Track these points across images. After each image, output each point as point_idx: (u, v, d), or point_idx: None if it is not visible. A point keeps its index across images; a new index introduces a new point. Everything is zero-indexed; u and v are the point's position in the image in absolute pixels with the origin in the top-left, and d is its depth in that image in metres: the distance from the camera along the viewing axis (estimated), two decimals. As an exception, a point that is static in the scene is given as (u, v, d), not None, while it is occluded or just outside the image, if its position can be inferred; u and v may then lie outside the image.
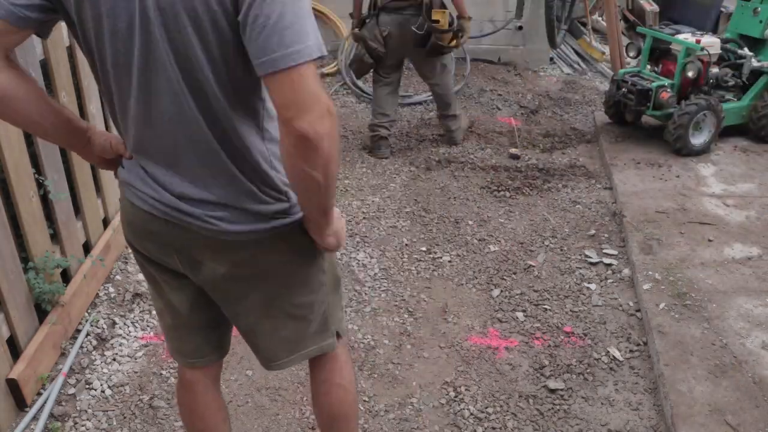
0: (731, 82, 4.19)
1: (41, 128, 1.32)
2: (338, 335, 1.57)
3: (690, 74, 3.96)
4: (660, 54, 4.28)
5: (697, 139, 3.96)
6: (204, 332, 1.52)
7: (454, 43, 3.85)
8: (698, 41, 3.96)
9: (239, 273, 1.34)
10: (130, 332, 2.53)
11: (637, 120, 4.35)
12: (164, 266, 1.39)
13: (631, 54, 4.40)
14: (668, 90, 3.94)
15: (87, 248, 2.71)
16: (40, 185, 2.30)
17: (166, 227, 1.29)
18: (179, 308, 1.46)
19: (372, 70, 4.07)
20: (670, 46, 4.17)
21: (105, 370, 2.34)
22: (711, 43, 4.02)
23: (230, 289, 1.37)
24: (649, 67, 4.29)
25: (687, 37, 4.05)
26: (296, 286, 1.41)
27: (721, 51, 4.12)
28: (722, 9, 5.94)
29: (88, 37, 1.17)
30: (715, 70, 4.10)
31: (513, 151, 4.12)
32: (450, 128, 4.25)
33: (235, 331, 2.63)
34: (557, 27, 5.22)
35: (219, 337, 1.57)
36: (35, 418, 2.10)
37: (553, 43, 5.29)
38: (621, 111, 4.31)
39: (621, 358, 2.42)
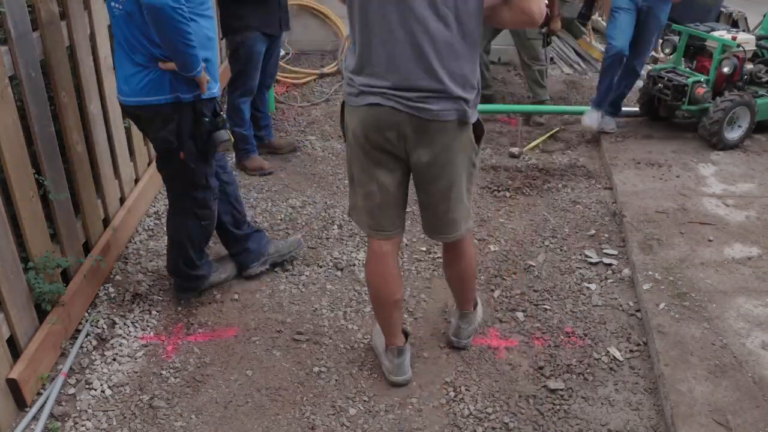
0: (765, 78, 4.27)
1: None
2: None
3: (725, 70, 4.02)
4: (694, 51, 4.34)
5: (732, 134, 4.03)
6: (400, 209, 2.09)
7: None
8: (734, 38, 4.03)
9: (437, 161, 1.91)
10: (130, 332, 2.53)
11: (671, 115, 4.42)
12: (387, 151, 1.93)
13: (666, 51, 4.46)
14: (704, 85, 4.01)
15: (87, 248, 2.71)
16: (40, 185, 2.30)
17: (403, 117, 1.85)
18: (389, 187, 2.00)
19: None
20: (705, 43, 4.24)
21: (105, 370, 2.34)
22: (746, 39, 4.10)
23: (427, 173, 1.95)
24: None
25: (722, 34, 4.12)
26: (466, 174, 1.99)
27: (755, 48, 4.19)
28: (722, 9, 5.94)
29: None
30: (749, 66, 4.16)
31: (513, 150, 4.12)
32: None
33: (223, 334, 2.62)
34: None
35: (405, 214, 2.14)
36: (35, 418, 2.11)
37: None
38: (655, 106, 4.39)
39: (621, 358, 2.42)
